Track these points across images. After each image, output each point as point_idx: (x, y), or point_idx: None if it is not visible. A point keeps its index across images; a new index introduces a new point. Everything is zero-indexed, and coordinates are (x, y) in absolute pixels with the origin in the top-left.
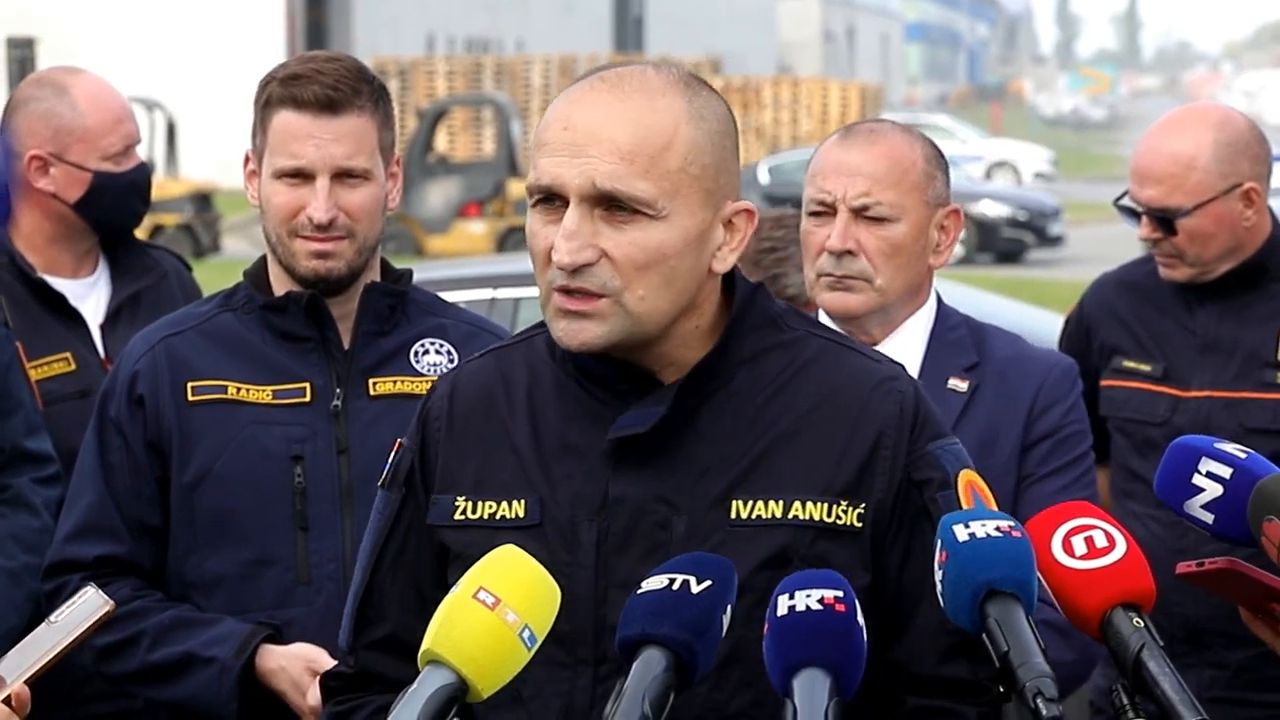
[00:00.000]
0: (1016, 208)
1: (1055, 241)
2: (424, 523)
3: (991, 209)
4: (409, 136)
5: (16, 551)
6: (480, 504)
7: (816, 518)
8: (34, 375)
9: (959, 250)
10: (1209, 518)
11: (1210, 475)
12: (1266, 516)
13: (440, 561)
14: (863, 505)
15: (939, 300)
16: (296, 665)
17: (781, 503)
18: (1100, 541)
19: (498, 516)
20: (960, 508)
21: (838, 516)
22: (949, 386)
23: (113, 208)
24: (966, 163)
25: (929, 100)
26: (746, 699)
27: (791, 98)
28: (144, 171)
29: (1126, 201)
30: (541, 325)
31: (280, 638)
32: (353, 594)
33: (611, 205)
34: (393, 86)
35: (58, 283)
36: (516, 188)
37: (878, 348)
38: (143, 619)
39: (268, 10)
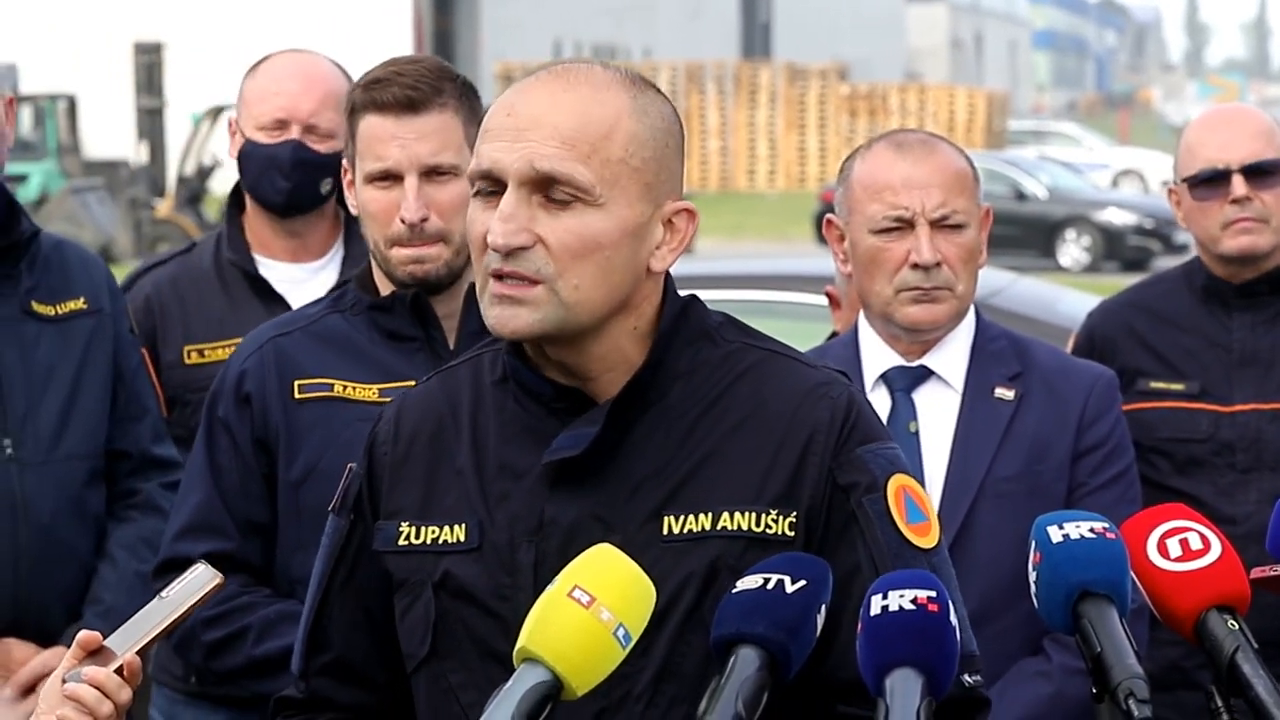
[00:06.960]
0: (1143, 215)
1: (1181, 249)
2: (371, 548)
3: (1118, 216)
4: None
5: (148, 555)
6: (424, 529)
7: (745, 527)
8: (211, 355)
9: (1085, 257)
10: None
11: None
12: None
13: (388, 587)
14: (794, 514)
15: (978, 313)
16: None
17: (711, 515)
18: (1195, 544)
19: (440, 541)
20: (890, 513)
21: (767, 526)
22: (996, 395)
23: (255, 180)
24: (1093, 170)
25: (1057, 107)
26: (679, 715)
27: (918, 104)
28: (290, 148)
29: (1206, 169)
30: (487, 344)
31: None
32: (303, 620)
33: (550, 191)
34: None
35: (276, 266)
36: None
37: (926, 357)
38: (249, 613)
39: (395, 17)
